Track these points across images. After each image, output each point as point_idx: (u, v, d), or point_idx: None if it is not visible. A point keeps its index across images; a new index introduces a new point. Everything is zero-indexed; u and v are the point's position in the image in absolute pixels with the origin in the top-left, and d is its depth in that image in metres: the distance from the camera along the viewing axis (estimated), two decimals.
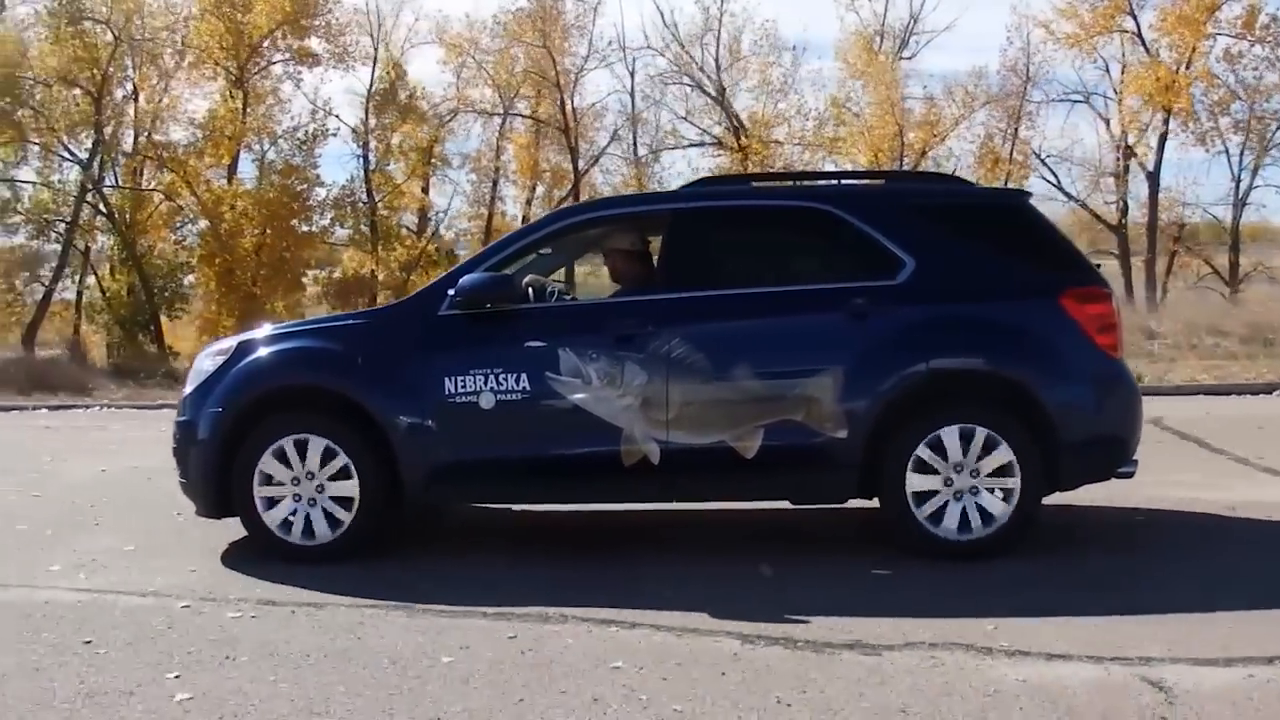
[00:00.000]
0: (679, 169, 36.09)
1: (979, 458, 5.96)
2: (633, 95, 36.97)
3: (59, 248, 32.93)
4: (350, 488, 6.14)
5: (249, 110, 33.59)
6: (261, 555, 6.17)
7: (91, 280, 34.80)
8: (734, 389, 6.01)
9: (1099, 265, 7.06)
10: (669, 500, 6.66)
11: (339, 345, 6.36)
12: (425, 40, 39.10)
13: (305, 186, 34.44)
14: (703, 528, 7.01)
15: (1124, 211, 34.56)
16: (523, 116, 37.02)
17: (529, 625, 4.99)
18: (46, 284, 33.26)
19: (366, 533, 6.19)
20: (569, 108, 36.38)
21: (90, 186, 31.99)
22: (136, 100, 32.97)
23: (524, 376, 6.05)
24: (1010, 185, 31.85)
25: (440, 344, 6.21)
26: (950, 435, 5.97)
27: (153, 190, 33.69)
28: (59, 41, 30.94)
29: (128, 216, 32.60)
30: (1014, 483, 5.95)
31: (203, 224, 33.68)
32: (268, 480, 6.17)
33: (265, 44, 33.93)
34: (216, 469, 6.24)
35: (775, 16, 61.34)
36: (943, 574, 5.71)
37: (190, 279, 35.03)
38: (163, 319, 33.54)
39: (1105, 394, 6.19)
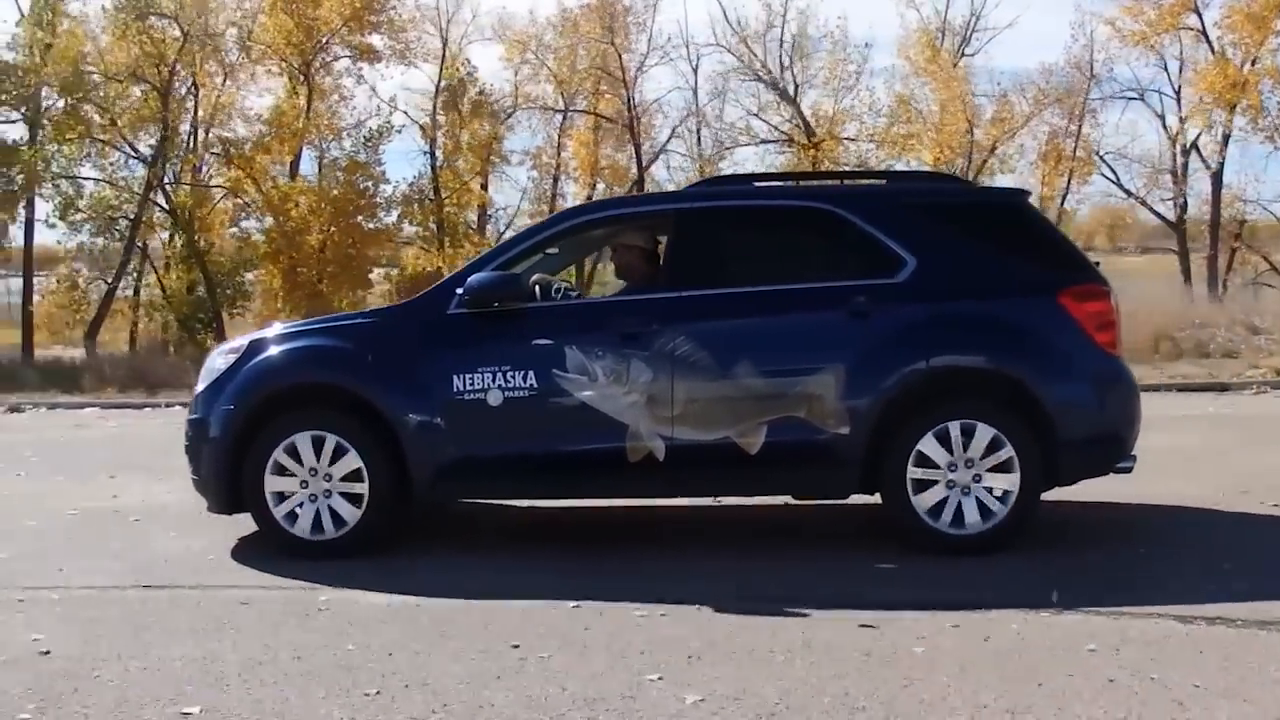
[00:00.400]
0: (746, 166, 36.05)
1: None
2: (696, 92, 37.35)
3: (116, 245, 32.71)
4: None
5: (312, 106, 33.56)
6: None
7: (150, 278, 34.66)
8: (738, 386, 6.10)
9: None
10: (673, 495, 6.76)
11: (349, 344, 6.46)
12: (483, 37, 39.06)
13: (370, 183, 34.30)
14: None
15: (1183, 208, 35.03)
16: (587, 113, 37.14)
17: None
18: (109, 282, 33.02)
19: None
20: (632, 104, 36.52)
21: (155, 184, 31.73)
22: (196, 96, 32.97)
23: (531, 374, 6.14)
24: (1074, 182, 33.50)
25: (449, 342, 6.31)
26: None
27: (219, 186, 33.68)
28: (125, 37, 30.86)
29: (189, 214, 32.43)
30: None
31: (266, 221, 33.59)
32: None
33: (330, 40, 33.91)
34: (228, 466, 6.34)
35: (839, 14, 62.15)
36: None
37: (252, 276, 34.84)
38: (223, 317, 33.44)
39: (1104, 391, 6.27)
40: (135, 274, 34.46)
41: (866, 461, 6.12)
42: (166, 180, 32.37)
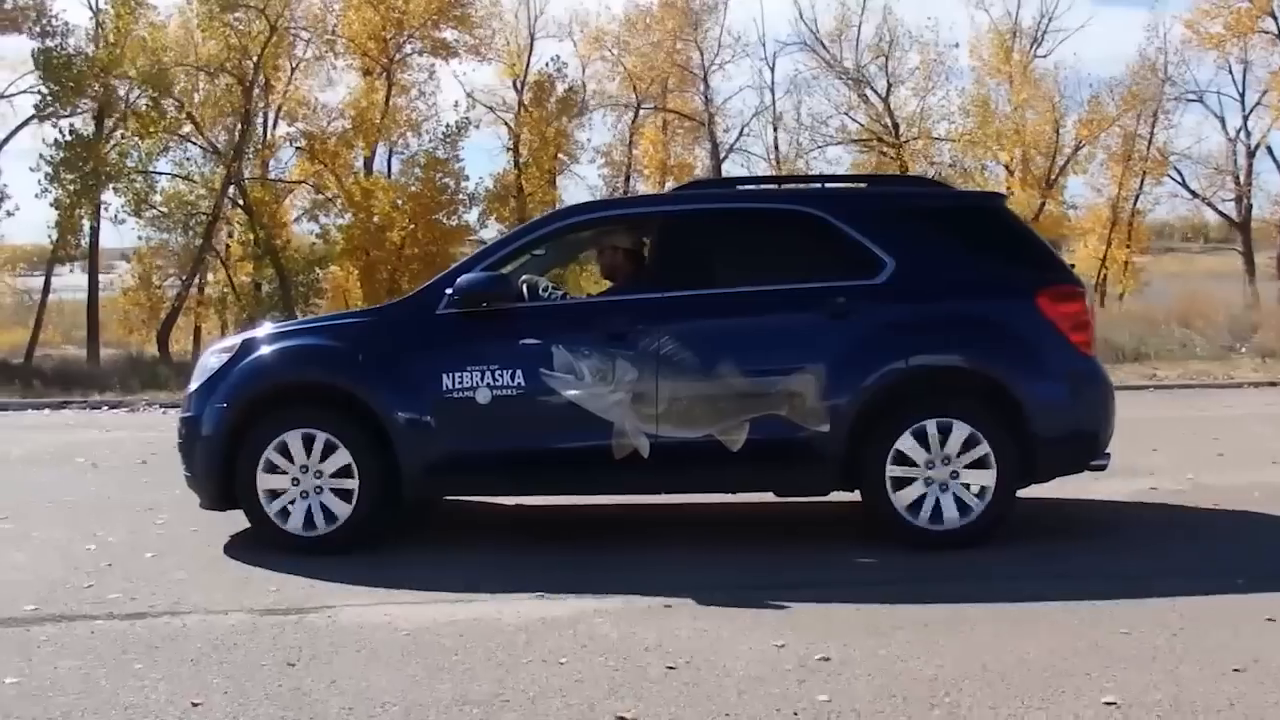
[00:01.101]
0: (820, 166, 36.31)
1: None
2: (773, 90, 37.58)
3: (181, 240, 32.27)
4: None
5: (390, 101, 33.45)
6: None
7: (217, 275, 34.23)
8: (721, 385, 6.23)
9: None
10: (658, 492, 6.90)
11: (340, 343, 6.58)
12: (547, 33, 38.88)
13: (449, 180, 34.12)
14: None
15: (1249, 209, 35.80)
16: (665, 110, 37.28)
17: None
18: (183, 279, 32.50)
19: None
20: (710, 101, 36.79)
21: (232, 179, 31.21)
22: (267, 91, 32.73)
23: (519, 373, 6.27)
24: (1148, 181, 34.83)
25: (438, 341, 6.43)
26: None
27: (302, 182, 33.43)
28: (209, 30, 30.53)
29: (263, 210, 32.12)
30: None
31: (336, 218, 33.45)
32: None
33: (413, 34, 33.78)
34: (221, 463, 6.45)
35: (928, 15, 61.89)
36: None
37: (324, 273, 34.52)
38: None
39: (1079, 390, 6.42)
40: (206, 272, 34.04)
41: (846, 458, 6.25)
42: (247, 175, 31.98)
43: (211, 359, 6.76)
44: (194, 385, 6.72)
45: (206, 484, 6.56)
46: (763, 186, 8.36)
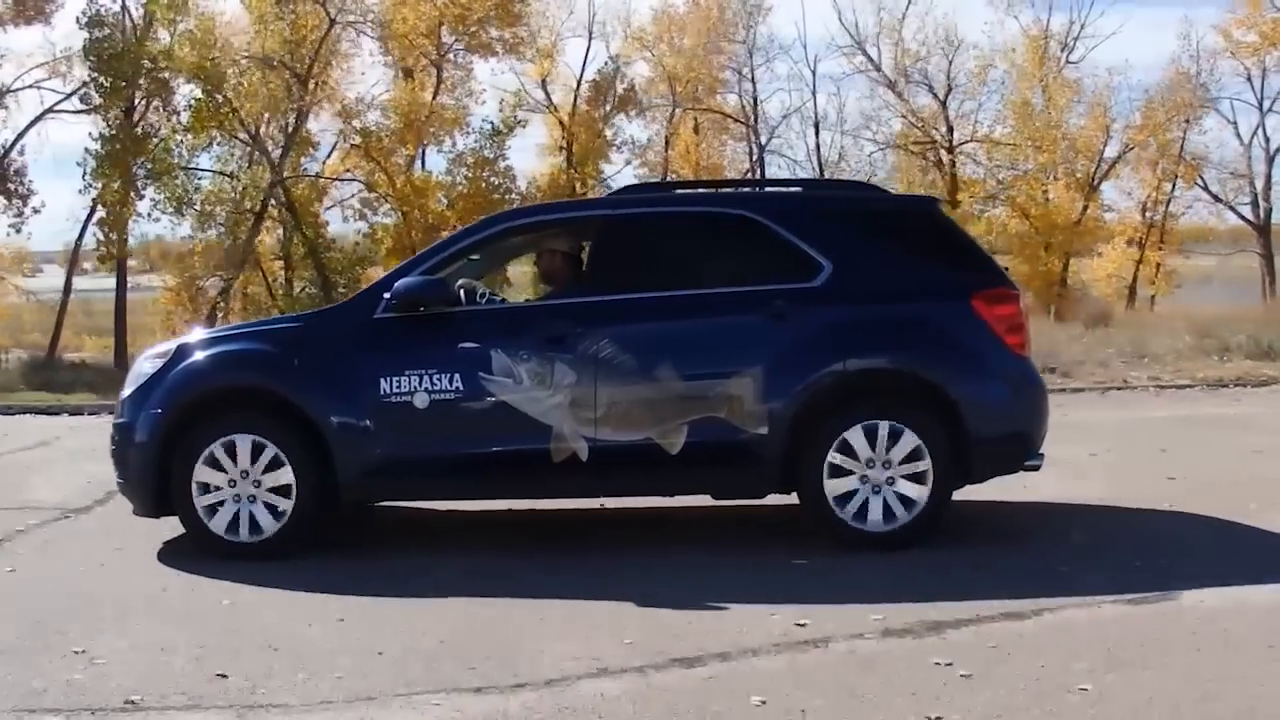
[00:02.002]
0: (862, 169, 36.53)
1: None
2: (814, 92, 38.98)
3: (217, 238, 31.19)
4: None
5: (437, 97, 33.16)
6: None
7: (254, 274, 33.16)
8: (659, 388, 6.25)
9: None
10: (597, 495, 6.90)
11: (275, 347, 6.53)
12: (574, 34, 38.55)
13: (497, 179, 33.69)
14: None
15: (1268, 212, 36.65)
16: (708, 110, 37.39)
17: None
18: (225, 278, 31.26)
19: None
20: (757, 101, 37.14)
21: (280, 176, 30.30)
22: (319, 87, 31.81)
23: (457, 377, 6.24)
24: (1177, 185, 35.63)
25: (376, 345, 6.39)
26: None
27: (351, 179, 32.86)
28: (262, 23, 29.83)
29: (302, 208, 31.51)
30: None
31: (384, 216, 32.91)
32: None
33: (466, 31, 33.42)
34: (155, 470, 6.37)
35: (983, 20, 62.75)
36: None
37: (364, 272, 33.13)
38: None
39: (1013, 391, 6.50)
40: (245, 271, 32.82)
41: (784, 461, 6.28)
42: (296, 171, 31.32)
43: (145, 365, 6.68)
44: (127, 391, 6.63)
45: (140, 491, 6.48)
46: (700, 190, 8.38)
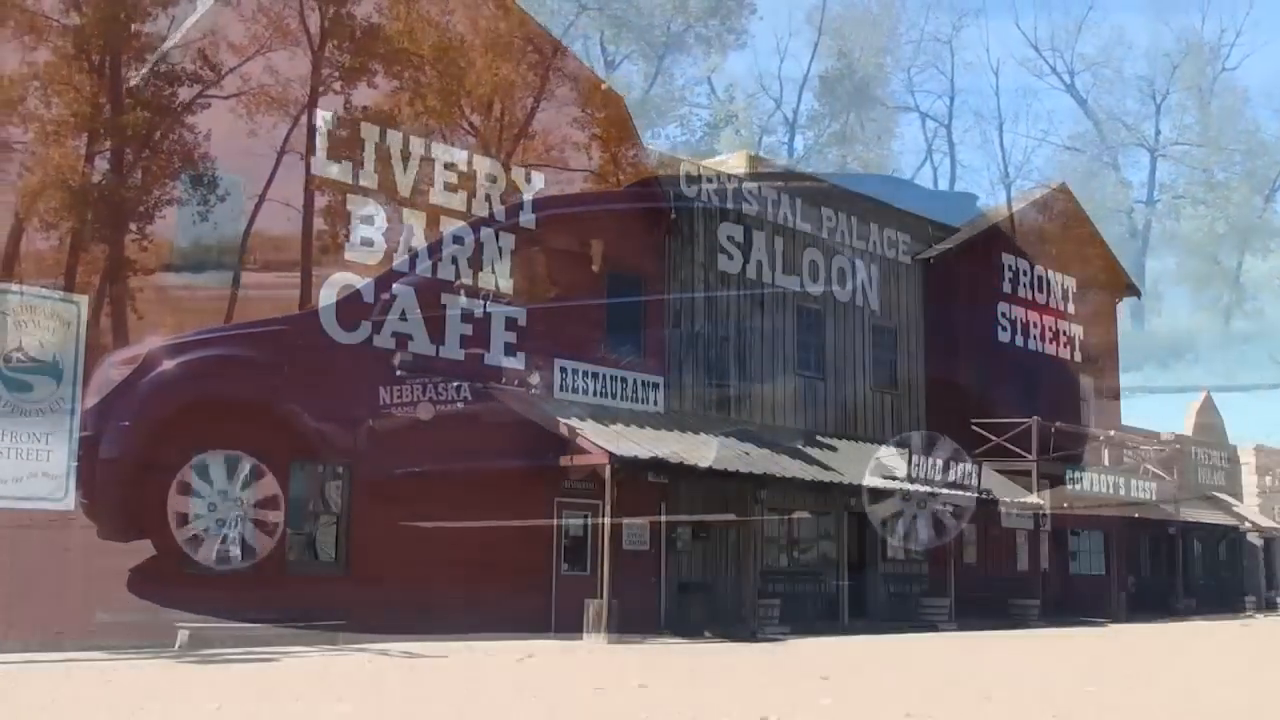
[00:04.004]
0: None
1: None
2: (998, 95, 37.54)
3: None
4: None
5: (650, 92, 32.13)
6: None
7: None
8: None
9: None
10: None
11: None
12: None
13: None
14: None
15: None
16: (911, 110, 38.16)
17: None
18: None
19: None
20: (953, 102, 38.44)
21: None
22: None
23: None
24: None
25: None
26: None
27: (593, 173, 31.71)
28: (509, 10, 27.72)
29: None
30: None
31: None
32: None
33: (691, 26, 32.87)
34: None
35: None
36: None
37: None
38: None
39: None
40: None
41: None
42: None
43: None
44: None
45: None
46: None
